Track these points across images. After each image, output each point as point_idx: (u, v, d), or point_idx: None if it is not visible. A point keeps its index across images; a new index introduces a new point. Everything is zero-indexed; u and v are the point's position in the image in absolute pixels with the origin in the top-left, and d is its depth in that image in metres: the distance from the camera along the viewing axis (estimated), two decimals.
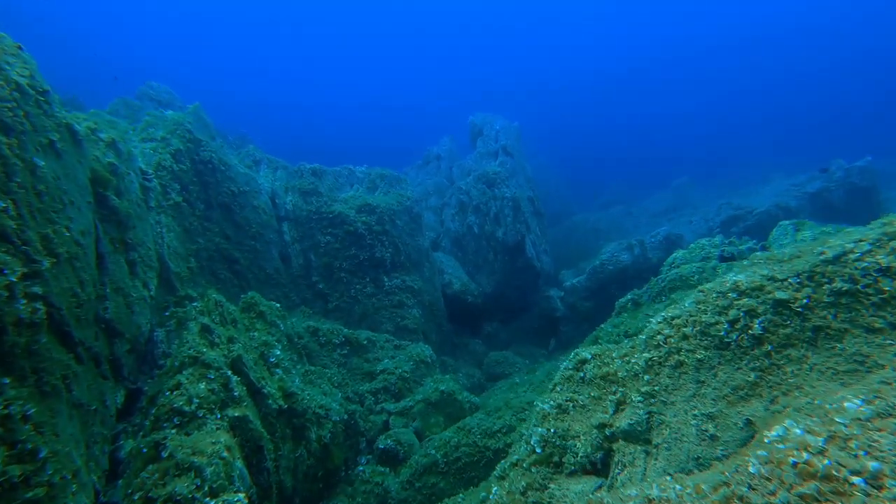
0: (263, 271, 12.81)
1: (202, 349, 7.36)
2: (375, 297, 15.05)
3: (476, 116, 23.06)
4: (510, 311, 18.87)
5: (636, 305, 10.37)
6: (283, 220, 14.05)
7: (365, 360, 12.16)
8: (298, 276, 14.03)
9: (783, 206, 18.92)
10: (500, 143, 21.12)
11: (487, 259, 18.74)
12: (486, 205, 18.79)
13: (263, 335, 9.07)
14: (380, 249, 15.48)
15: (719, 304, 6.22)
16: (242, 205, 12.54)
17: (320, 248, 14.61)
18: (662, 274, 10.35)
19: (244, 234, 12.49)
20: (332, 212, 15.05)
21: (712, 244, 10.29)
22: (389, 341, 13.30)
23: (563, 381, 7.54)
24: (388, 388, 11.15)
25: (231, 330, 8.40)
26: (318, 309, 14.06)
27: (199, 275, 10.25)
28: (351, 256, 14.96)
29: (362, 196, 16.35)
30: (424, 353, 12.85)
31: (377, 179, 17.26)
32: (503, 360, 15.73)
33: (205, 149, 11.66)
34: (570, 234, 34.98)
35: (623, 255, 17.60)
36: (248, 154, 13.77)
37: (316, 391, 9.28)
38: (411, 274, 16.43)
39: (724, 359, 5.94)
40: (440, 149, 24.38)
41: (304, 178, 14.89)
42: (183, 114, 11.52)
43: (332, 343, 11.78)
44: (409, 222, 17.21)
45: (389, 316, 14.89)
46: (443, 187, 22.73)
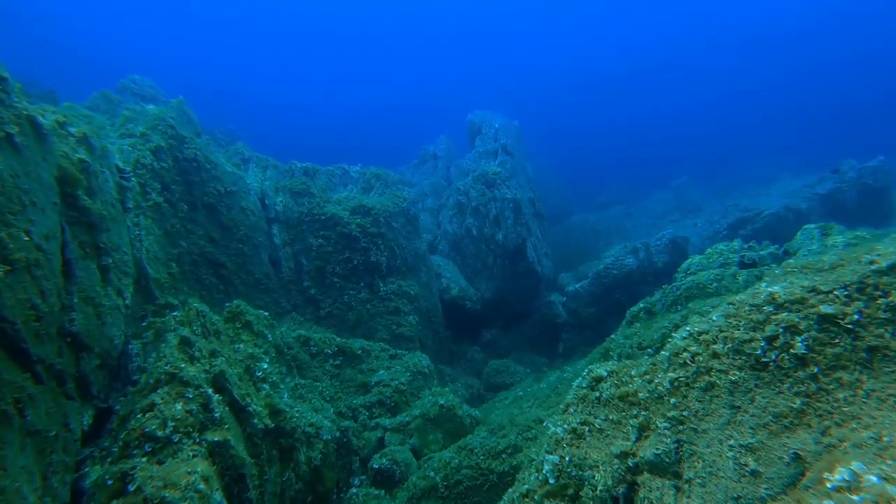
0: (252, 276, 12.11)
1: (180, 364, 6.67)
2: (370, 304, 14.38)
3: (474, 114, 22.46)
4: (510, 318, 18.24)
5: (649, 315, 9.76)
6: (272, 222, 13.36)
7: (359, 371, 11.48)
8: (289, 281, 13.34)
9: (793, 207, 18.40)
10: (499, 142, 20.52)
11: (487, 263, 18.10)
12: (486, 206, 18.16)
13: (250, 347, 8.39)
14: (375, 253, 14.81)
15: (754, 319, 5.58)
16: (229, 206, 11.85)
17: (312, 252, 13.93)
18: (677, 281, 9.74)
19: (231, 236, 11.79)
20: (325, 213, 14.38)
21: (730, 249, 9.69)
22: (385, 350, 12.63)
23: (577, 400, 6.86)
24: (384, 402, 10.48)
25: (214, 342, 7.71)
26: (310, 316, 13.37)
27: (181, 281, 9.55)
28: (344, 260, 14.29)
29: (356, 197, 15.69)
30: (422, 364, 12.19)
31: (372, 179, 16.61)
32: (503, 370, 15.08)
33: (189, 146, 10.96)
34: (569, 234, 34.40)
35: (628, 258, 17.01)
36: (236, 152, 13.08)
37: (306, 407, 8.60)
38: (408, 279, 15.78)
39: (763, 381, 5.29)
40: (437, 148, 23.73)
41: (296, 177, 14.21)
42: (165, 108, 10.82)
43: (324, 353, 11.10)
44: (405, 224, 16.56)
45: (385, 323, 14.23)
46: (440, 188, 22.07)
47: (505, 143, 20.45)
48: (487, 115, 22.23)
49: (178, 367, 6.61)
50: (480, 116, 22.16)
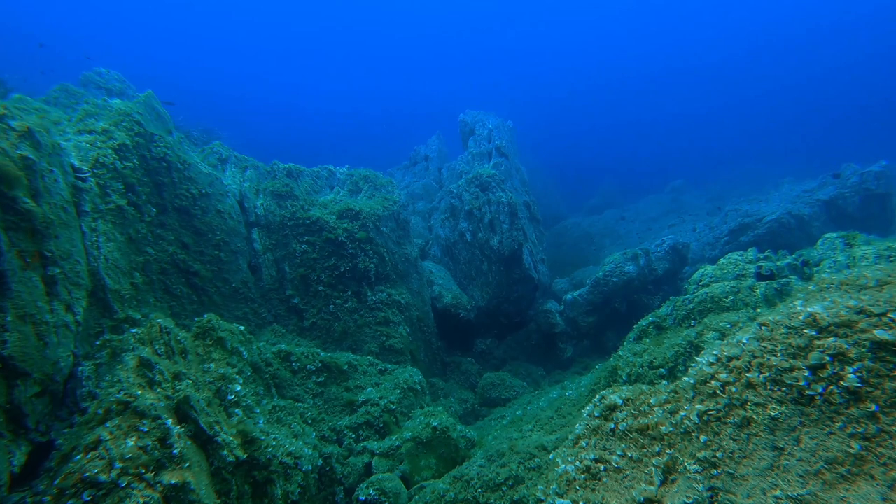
0: (228, 285, 11.17)
1: (136, 391, 5.75)
2: (358, 314, 13.49)
3: (467, 114, 21.69)
4: (505, 327, 17.45)
5: (659, 330, 9.02)
6: (252, 227, 12.43)
7: (345, 389, 10.58)
8: (270, 290, 12.41)
9: (796, 213, 17.88)
10: (493, 143, 19.78)
11: (481, 269, 17.30)
12: (480, 210, 17.38)
13: (221, 367, 7.47)
14: (363, 259, 13.94)
15: (793, 344, 4.83)
16: (205, 209, 10.91)
17: (295, 258, 13.02)
18: (689, 293, 9.01)
19: (206, 242, 10.84)
20: (310, 217, 13.48)
21: (746, 259, 9.00)
22: (373, 365, 11.75)
23: (590, 432, 6.03)
24: (372, 423, 9.60)
25: (179, 363, 6.79)
26: (293, 327, 12.45)
27: (146, 292, 8.59)
28: (330, 267, 13.40)
29: (343, 200, 14.80)
30: (413, 380, 11.33)
31: (360, 181, 15.73)
32: (499, 383, 14.27)
33: (158, 144, 10.02)
34: (561, 238, 33.82)
35: (628, 266, 16.33)
36: (213, 151, 12.14)
37: (285, 433, 7.70)
38: (398, 286, 14.92)
39: (809, 419, 4.51)
40: (428, 149, 22.92)
41: (278, 178, 13.29)
42: (131, 103, 9.88)
43: (306, 369, 10.19)
44: (395, 229, 15.72)
45: (373, 334, 13.34)
46: (432, 190, 21.26)
47: (499, 144, 19.72)
48: (480, 115, 21.49)
49: (134, 394, 5.69)
50: (473, 116, 21.41)
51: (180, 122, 15.08)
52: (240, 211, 12.04)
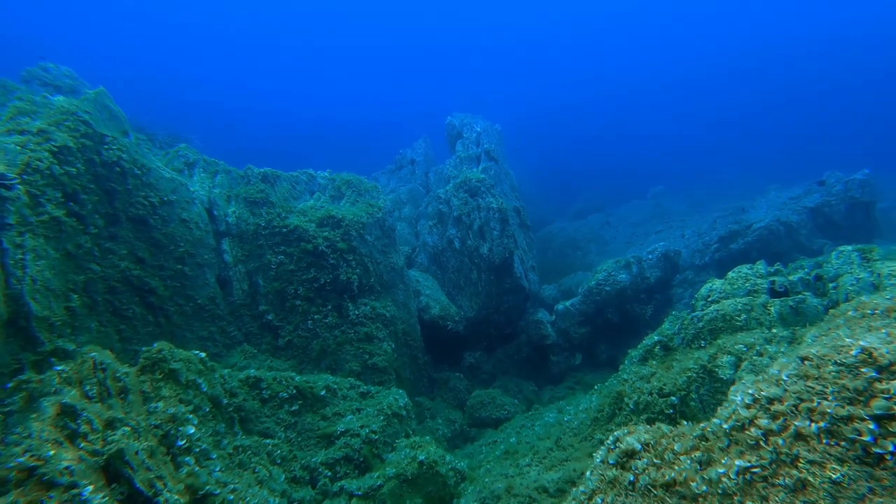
0: (192, 302, 10.11)
1: (48, 451, 4.73)
2: (339, 329, 12.53)
3: (454, 117, 20.89)
4: (495, 339, 16.66)
5: (666, 350, 8.32)
6: (222, 236, 11.37)
7: (322, 418, 9.62)
8: (241, 306, 11.37)
9: (784, 221, 17.56)
10: (482, 146, 19.02)
11: (470, 279, 16.49)
12: (469, 216, 16.57)
13: (172, 405, 6.46)
14: (345, 270, 12.99)
15: (848, 386, 4.08)
16: (166, 218, 9.84)
17: (270, 271, 11.99)
18: (698, 311, 8.33)
19: (167, 255, 9.77)
20: (287, 225, 12.48)
21: (756, 273, 8.37)
22: (354, 388, 10.80)
23: (605, 485, 5.19)
24: (351, 457, 8.67)
25: (116, 406, 5.77)
26: (266, 346, 11.42)
27: (86, 317, 7.52)
28: (309, 280, 12.41)
29: (324, 206, 13.82)
30: (398, 404, 10.43)
31: (343, 187, 14.76)
32: (489, 401, 13.46)
33: (111, 147, 8.93)
34: (547, 244, 33.36)
35: (620, 274, 15.71)
36: (179, 155, 11.05)
37: (246, 481, 6.73)
38: (383, 299, 14.00)
39: (880, 484, 3.78)
40: (414, 152, 22.02)
41: (252, 184, 12.25)
42: (77, 100, 8.77)
43: (278, 398, 9.20)
44: (380, 237, 14.80)
45: (355, 352, 12.39)
46: (418, 195, 20.38)
47: (488, 147, 18.96)
48: (468, 118, 20.72)
49: (44, 455, 4.66)
50: (461, 119, 20.63)
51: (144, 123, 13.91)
52: (208, 220, 10.98)
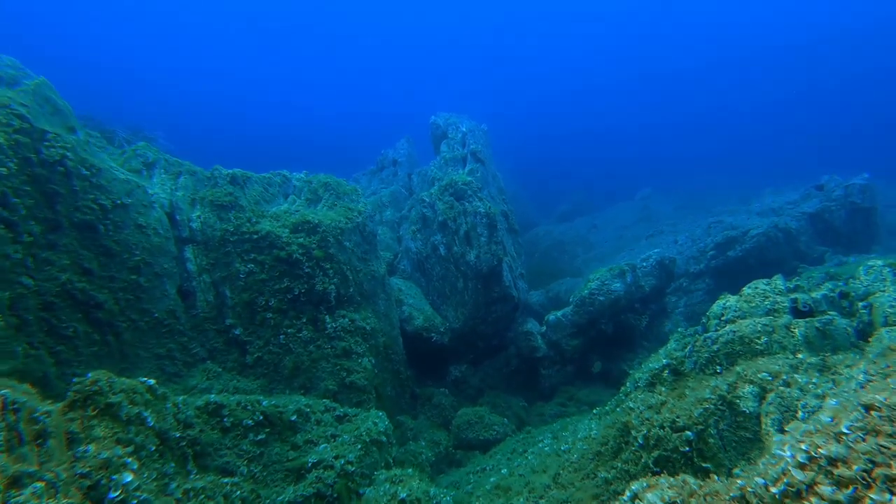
0: (148, 316, 9.06)
1: None
2: (314, 344, 11.57)
3: (438, 117, 20.06)
4: (482, 351, 15.84)
5: (676, 375, 7.57)
6: (185, 243, 10.34)
7: (292, 447, 8.66)
8: (205, 319, 10.33)
9: (783, 227, 17.11)
10: (468, 147, 18.22)
11: (456, 287, 15.65)
12: (455, 221, 15.74)
13: (106, 448, 5.46)
14: (322, 280, 12.04)
15: None
16: (119, 223, 8.79)
17: (239, 280, 10.98)
18: (711, 331, 7.60)
19: (119, 265, 8.72)
20: (258, 231, 11.48)
21: (775, 289, 7.68)
22: (330, 410, 9.86)
23: None
24: (323, 494, 7.73)
25: (29, 456, 4.77)
26: (232, 363, 10.40)
27: (12, 339, 6.47)
28: (282, 290, 11.42)
29: (300, 211, 12.86)
30: (377, 429, 9.51)
31: (320, 189, 13.81)
32: (476, 421, 12.61)
33: (52, 144, 7.88)
34: (533, 247, 32.76)
35: (614, 283, 15.04)
36: (137, 154, 9.98)
37: None
38: (363, 310, 13.07)
39: None
40: (397, 153, 21.12)
41: (219, 186, 11.23)
42: (12, 92, 7.71)
43: (242, 426, 8.22)
44: (360, 243, 13.88)
45: (332, 370, 11.44)
46: (401, 198, 19.49)
47: (474, 148, 18.17)
48: (453, 117, 19.91)
49: None
50: (445, 119, 19.81)
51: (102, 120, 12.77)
52: (169, 225, 9.94)
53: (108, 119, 13.34)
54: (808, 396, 6.30)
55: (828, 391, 6.22)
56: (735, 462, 6.34)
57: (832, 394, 6.26)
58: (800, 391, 6.33)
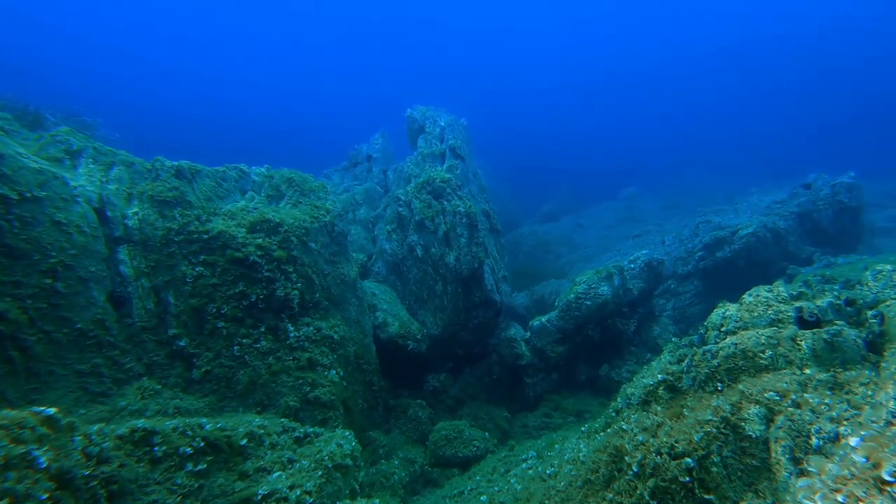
0: (68, 327, 7.78)
1: None
2: (273, 356, 10.37)
3: (415, 110, 19.01)
4: (463, 359, 14.81)
5: (672, 392, 6.66)
6: (119, 244, 9.05)
7: (239, 477, 7.48)
8: (143, 330, 9.06)
9: (772, 227, 16.55)
10: (447, 142, 17.22)
11: (434, 291, 14.59)
12: (433, 221, 14.70)
13: None
14: (283, 284, 10.87)
15: None
16: (28, 220, 7.50)
17: (185, 286, 9.72)
18: (710, 344, 6.72)
19: (28, 268, 7.42)
20: (209, 231, 10.24)
21: (778, 297, 6.84)
22: (288, 431, 8.70)
23: None
24: None
25: None
26: (175, 379, 9.15)
27: None
28: (236, 296, 10.21)
29: (259, 208, 11.66)
30: (342, 451, 8.39)
31: (283, 185, 12.63)
32: (455, 436, 11.56)
33: None
34: (516, 247, 31.98)
35: (602, 287, 14.18)
36: (57, 140, 8.66)
37: None
38: (330, 317, 11.94)
39: None
40: (371, 148, 20.00)
41: (162, 180, 9.97)
42: None
43: (177, 455, 7.00)
44: (328, 244, 12.75)
45: (293, 384, 10.26)
46: (375, 195, 18.36)
47: (454, 143, 17.17)
48: (431, 111, 18.90)
49: None
50: (422, 112, 18.78)
51: (29, 100, 11.34)
52: (97, 222, 8.66)
53: (42, 100, 11.86)
54: (821, 420, 5.44)
55: (843, 413, 5.40)
56: (741, 494, 5.46)
57: (851, 419, 5.38)
58: (812, 413, 5.46)
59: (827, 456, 4.67)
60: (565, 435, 9.70)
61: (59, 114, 12.13)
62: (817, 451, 5.17)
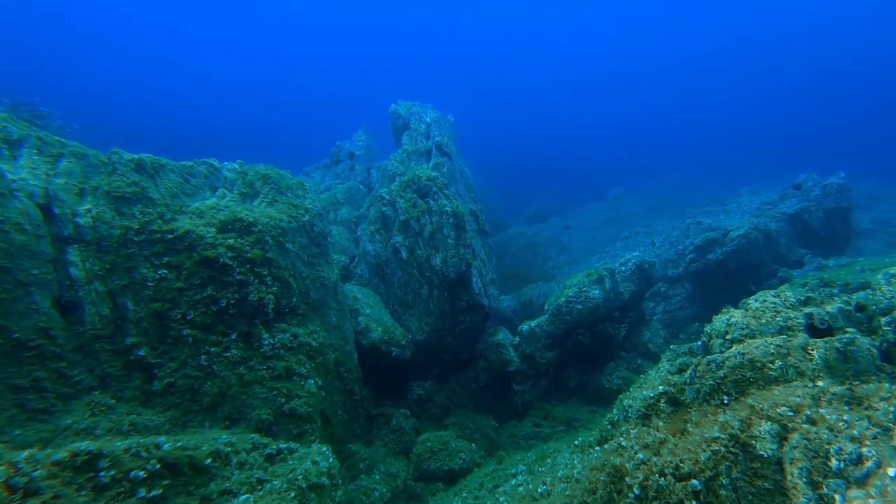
0: (3, 337, 6.94)
1: None
2: (245, 365, 9.61)
3: (399, 105, 18.33)
4: (449, 366, 14.18)
5: (675, 406, 6.14)
6: (68, 244, 8.22)
7: (201, 501, 6.72)
8: (96, 338, 8.24)
9: (763, 228, 16.29)
10: (433, 139, 16.59)
11: (420, 295, 13.94)
12: (419, 221, 14.07)
13: None
14: (257, 288, 10.13)
15: None
16: None
17: (146, 290, 8.92)
18: (715, 353, 6.20)
19: None
20: (174, 230, 9.45)
21: (786, 303, 6.37)
22: (259, 448, 7.96)
23: None
24: None
25: None
26: (133, 392, 8.34)
27: None
28: (204, 301, 9.43)
29: (231, 206, 10.89)
30: (318, 469, 7.68)
31: (257, 182, 11.87)
32: (441, 448, 10.92)
33: None
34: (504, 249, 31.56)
35: (593, 290, 13.69)
36: None
37: None
38: (309, 322, 11.21)
39: None
40: (354, 145, 19.26)
41: (120, 174, 9.16)
42: None
43: (127, 480, 6.23)
44: (307, 245, 12.04)
45: (267, 395, 9.52)
46: (358, 194, 17.65)
47: (440, 140, 16.56)
48: (416, 106, 18.25)
49: None
50: (407, 108, 18.12)
51: None
52: (41, 220, 7.83)
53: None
54: (840, 439, 4.93)
55: (865, 433, 4.91)
56: None
57: (876, 440, 4.86)
58: (829, 431, 4.95)
59: (858, 486, 4.17)
60: (557, 447, 9.13)
61: (7, 101, 11.17)
62: (838, 475, 4.66)
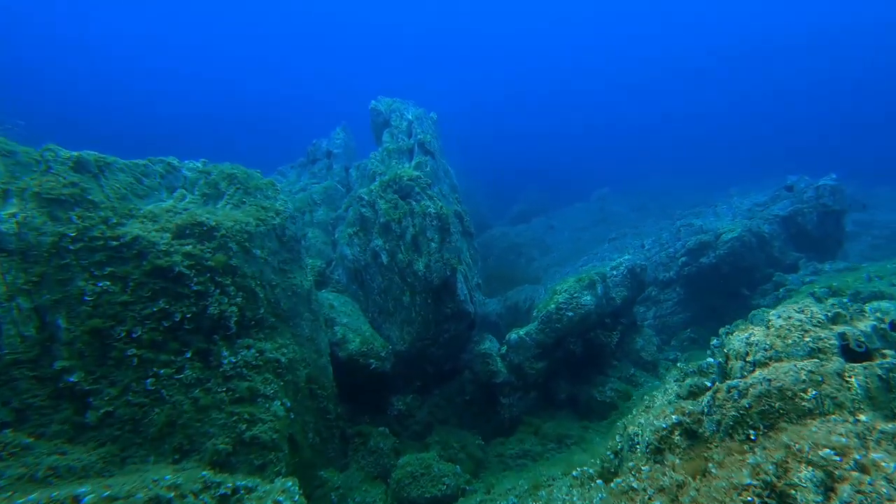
0: None
1: None
2: (201, 388, 8.55)
3: (380, 102, 17.34)
4: (432, 377, 13.27)
5: (692, 440, 5.35)
6: None
7: None
8: (16, 363, 7.11)
9: (756, 231, 15.78)
10: (415, 137, 15.66)
11: (401, 302, 13.00)
12: (400, 223, 13.12)
13: None
14: (217, 300, 9.08)
15: None
16: None
17: (84, 305, 7.80)
18: (735, 380, 5.42)
19: None
20: (120, 237, 8.34)
21: (812, 319, 5.64)
22: (210, 488, 6.91)
23: None
24: None
25: None
26: (60, 426, 7.23)
27: None
28: (154, 316, 8.34)
29: (190, 209, 9.79)
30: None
31: (221, 182, 10.78)
32: (423, 472, 10.01)
33: None
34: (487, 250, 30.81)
35: (584, 296, 12.93)
36: None
37: None
38: (278, 335, 10.20)
39: None
40: (332, 143, 18.20)
41: (55, 174, 8.02)
42: None
43: None
44: (277, 251, 11.01)
45: (225, 421, 8.48)
46: (336, 195, 16.59)
47: (423, 138, 15.62)
48: (397, 103, 17.28)
49: None
50: (388, 105, 17.15)
51: None
52: None
53: None
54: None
55: None
56: None
57: None
58: (888, 484, 4.19)
59: None
60: (551, 475, 8.30)
61: None
62: None
